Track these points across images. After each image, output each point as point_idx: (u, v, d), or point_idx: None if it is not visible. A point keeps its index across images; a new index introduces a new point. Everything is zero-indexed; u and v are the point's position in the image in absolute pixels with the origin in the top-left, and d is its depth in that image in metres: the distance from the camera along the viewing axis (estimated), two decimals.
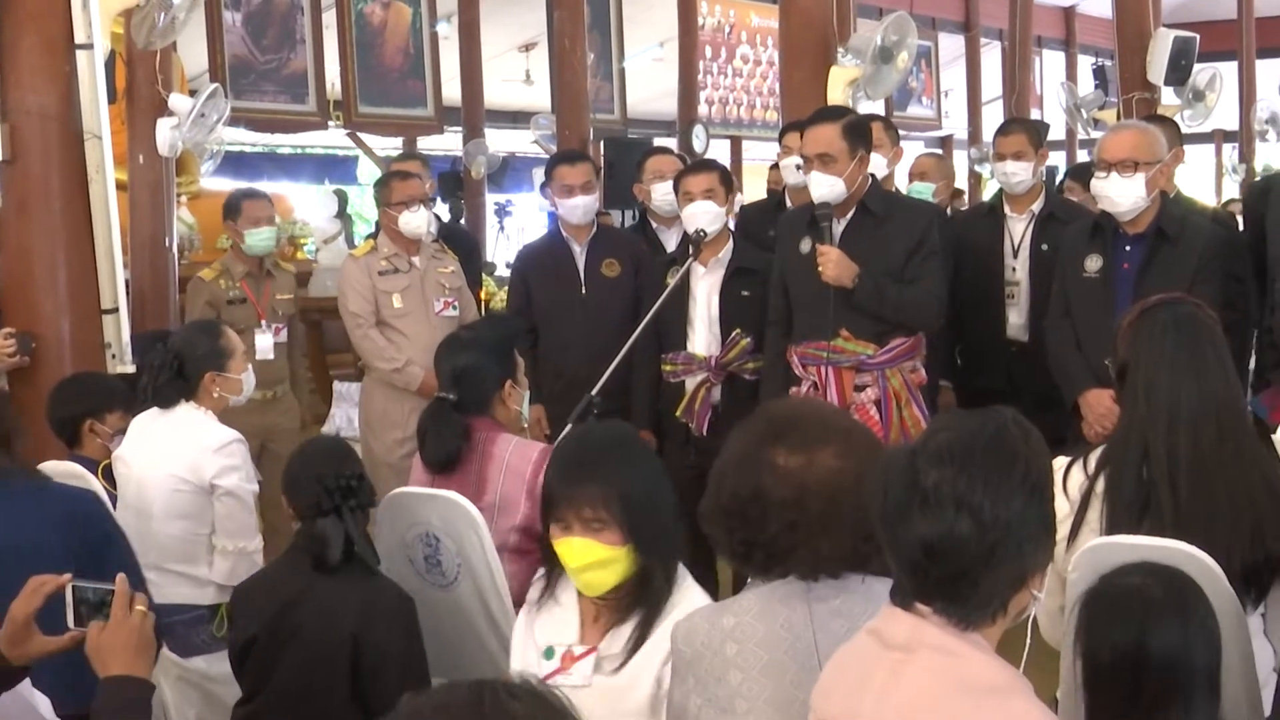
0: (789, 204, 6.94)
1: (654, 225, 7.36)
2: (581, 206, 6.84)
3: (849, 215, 5.65)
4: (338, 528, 3.86)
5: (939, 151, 15.34)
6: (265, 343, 7.12)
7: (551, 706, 1.89)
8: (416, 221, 6.91)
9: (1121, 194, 5.46)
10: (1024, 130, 6.84)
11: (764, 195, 9.13)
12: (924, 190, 8.31)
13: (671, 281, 6.11)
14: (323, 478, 3.88)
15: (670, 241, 7.10)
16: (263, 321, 7.15)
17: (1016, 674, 2.29)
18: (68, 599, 2.97)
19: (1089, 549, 3.24)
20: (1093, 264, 5.64)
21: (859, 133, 5.61)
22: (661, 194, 7.09)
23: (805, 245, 5.67)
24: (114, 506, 4.58)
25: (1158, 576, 2.86)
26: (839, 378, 5.56)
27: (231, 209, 7.24)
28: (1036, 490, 2.30)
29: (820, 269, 5.52)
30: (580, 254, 6.85)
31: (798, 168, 6.36)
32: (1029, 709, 2.24)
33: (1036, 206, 6.59)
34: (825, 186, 5.56)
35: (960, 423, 2.36)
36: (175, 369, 5.00)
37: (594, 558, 3.23)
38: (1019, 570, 2.29)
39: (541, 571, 3.50)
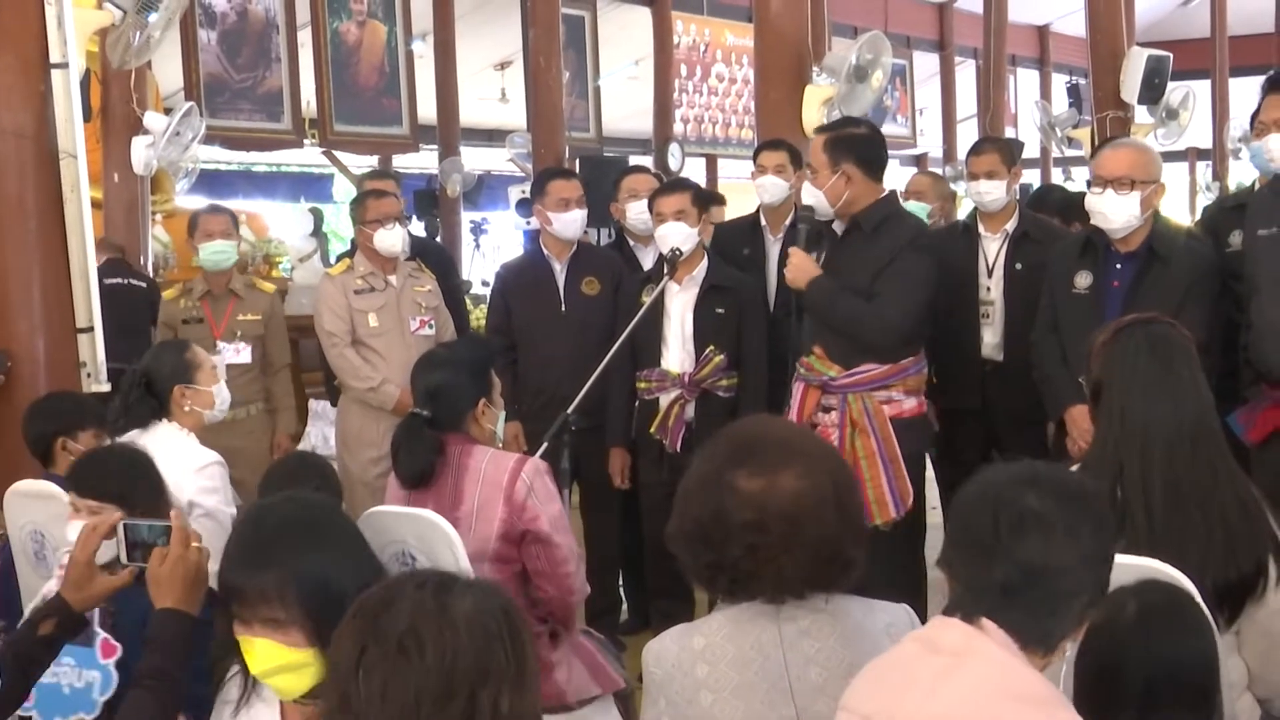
0: (763, 222, 6.93)
1: (631, 243, 7.36)
2: (578, 220, 6.91)
3: (846, 228, 5.63)
4: None
5: (936, 171, 15.37)
6: (219, 364, 7.00)
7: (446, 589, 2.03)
8: (391, 239, 6.90)
9: (1116, 211, 5.44)
10: (996, 149, 6.84)
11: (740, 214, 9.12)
12: (919, 210, 8.33)
13: (646, 299, 6.12)
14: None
15: (647, 259, 7.11)
16: (218, 342, 7.03)
17: (1060, 692, 2.38)
18: (119, 537, 3.11)
19: None
20: (1083, 280, 5.63)
21: (843, 146, 5.54)
22: (636, 212, 7.09)
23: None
24: None
25: (1145, 593, 2.86)
26: (804, 396, 5.55)
27: (190, 226, 7.20)
28: (1114, 543, 2.46)
29: (785, 270, 5.58)
30: (560, 272, 6.86)
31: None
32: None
33: (1010, 226, 6.58)
34: (809, 197, 5.60)
35: (1051, 464, 2.51)
36: (144, 386, 5.00)
37: (278, 661, 2.69)
38: (1085, 610, 2.40)
39: (235, 668, 2.91)
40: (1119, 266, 5.58)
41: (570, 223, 6.88)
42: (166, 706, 2.93)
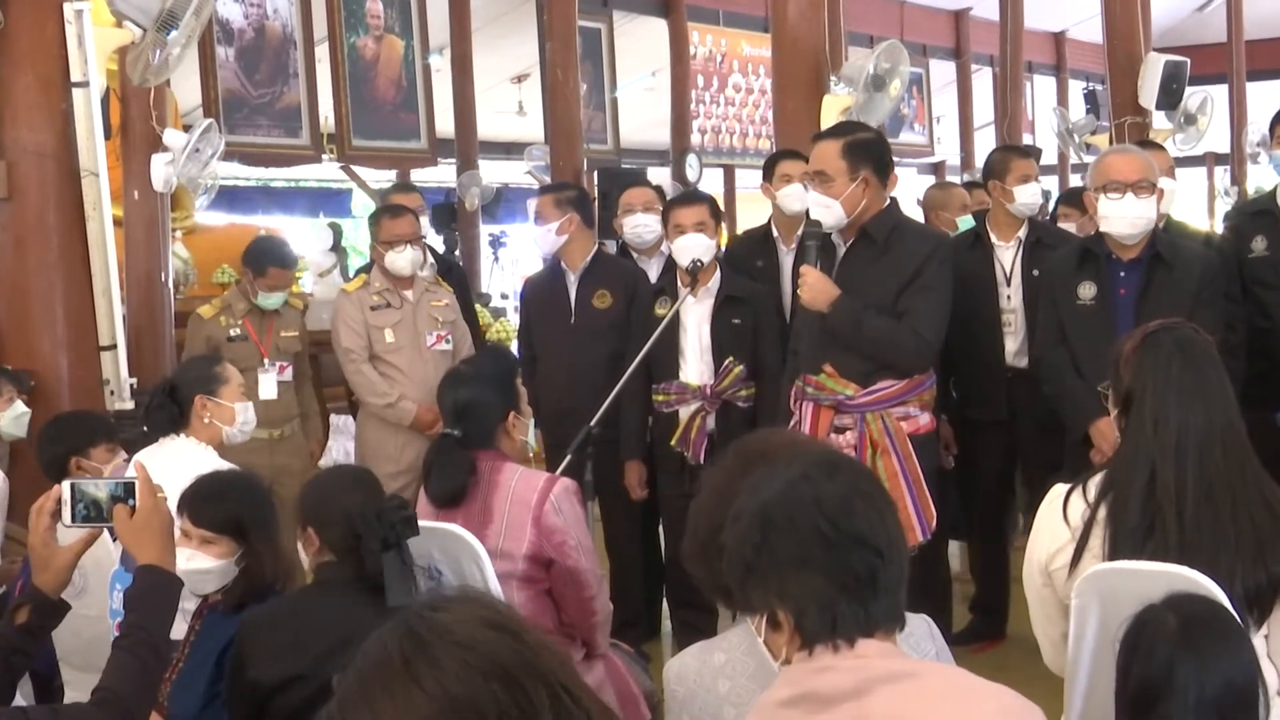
0: (775, 233, 6.88)
1: (635, 256, 7.27)
2: (546, 238, 6.92)
3: (851, 240, 5.36)
4: (394, 562, 3.66)
5: (955, 180, 15.36)
6: (269, 381, 6.95)
7: (479, 601, 1.91)
8: (401, 261, 6.88)
9: (1141, 215, 5.42)
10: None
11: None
12: (965, 225, 8.32)
13: (661, 311, 6.13)
14: (382, 512, 3.70)
15: (651, 272, 7.01)
16: (265, 360, 7.02)
17: (959, 669, 2.36)
18: (65, 498, 3.09)
19: (1091, 575, 3.24)
20: (1087, 291, 5.59)
21: (864, 152, 5.26)
22: (632, 226, 7.06)
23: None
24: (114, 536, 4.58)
25: (1181, 608, 2.83)
26: (815, 416, 5.30)
27: (257, 268, 7.09)
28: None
29: (799, 291, 5.33)
30: (573, 283, 6.84)
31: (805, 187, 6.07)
32: (997, 687, 2.26)
33: (1023, 233, 6.57)
34: (820, 207, 5.28)
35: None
36: (168, 393, 4.99)
37: None
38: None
39: None
40: (1123, 274, 5.55)
41: (543, 241, 6.96)
42: (148, 666, 2.91)
